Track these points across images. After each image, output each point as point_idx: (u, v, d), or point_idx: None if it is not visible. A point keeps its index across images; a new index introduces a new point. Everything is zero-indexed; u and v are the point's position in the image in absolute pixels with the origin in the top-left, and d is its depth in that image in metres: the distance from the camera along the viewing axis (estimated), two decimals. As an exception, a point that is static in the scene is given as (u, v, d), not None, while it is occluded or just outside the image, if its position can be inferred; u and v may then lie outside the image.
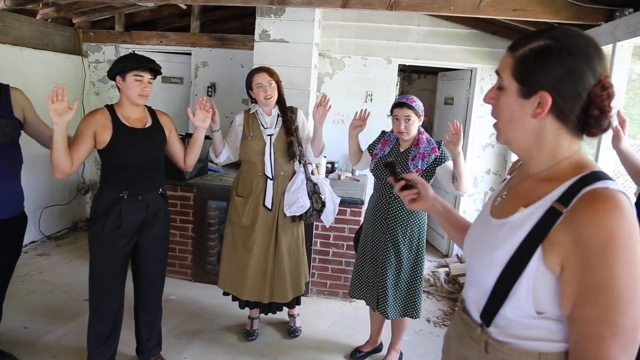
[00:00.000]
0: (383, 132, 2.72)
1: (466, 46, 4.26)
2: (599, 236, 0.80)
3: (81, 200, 5.07)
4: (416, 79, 6.37)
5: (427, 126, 5.82)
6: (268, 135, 2.71)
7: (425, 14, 4.17)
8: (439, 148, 2.47)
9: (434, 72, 5.75)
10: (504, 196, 1.06)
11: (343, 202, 3.39)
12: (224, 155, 2.78)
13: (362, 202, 3.48)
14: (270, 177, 2.70)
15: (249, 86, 2.71)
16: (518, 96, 0.92)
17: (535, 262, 0.87)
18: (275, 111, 2.74)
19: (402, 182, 1.35)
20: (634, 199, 1.84)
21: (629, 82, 3.40)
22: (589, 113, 0.87)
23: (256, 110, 2.75)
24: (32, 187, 4.35)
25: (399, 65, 4.49)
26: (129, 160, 2.22)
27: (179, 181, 3.69)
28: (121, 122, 2.22)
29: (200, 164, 3.88)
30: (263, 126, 2.72)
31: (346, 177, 4.20)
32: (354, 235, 3.02)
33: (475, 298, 1.02)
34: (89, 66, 5.04)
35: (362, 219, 3.27)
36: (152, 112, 2.38)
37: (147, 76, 2.22)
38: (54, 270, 3.85)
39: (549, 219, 0.87)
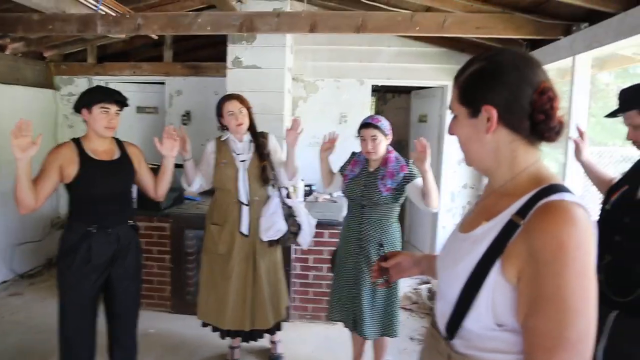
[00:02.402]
0: (353, 153, 2.74)
1: (436, 64, 4.35)
2: (549, 247, 0.81)
3: (55, 235, 4.93)
4: (391, 99, 6.47)
5: (404, 144, 5.91)
6: (241, 161, 2.70)
7: (394, 35, 4.26)
8: (408, 166, 2.49)
9: (407, 90, 5.86)
10: (472, 211, 1.09)
11: (321, 224, 3.38)
12: (197, 183, 2.76)
13: (340, 224, 3.47)
14: (245, 203, 2.69)
15: (219, 113, 2.71)
16: (469, 118, 0.97)
17: (494, 275, 0.89)
18: (247, 137, 2.75)
19: (377, 267, 1.40)
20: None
21: (598, 91, 3.51)
22: (535, 119, 0.91)
23: (228, 137, 2.75)
24: (3, 224, 4.25)
25: (373, 85, 4.57)
26: (96, 193, 2.18)
27: (154, 211, 3.64)
28: (88, 156, 2.19)
29: (176, 194, 3.84)
30: (235, 152, 2.72)
31: (324, 199, 4.20)
32: (331, 257, 3.00)
33: (442, 311, 1.04)
34: (62, 99, 5.00)
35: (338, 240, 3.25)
36: (120, 144, 2.35)
37: (113, 108, 2.21)
38: (27, 310, 3.73)
39: (508, 231, 0.89)
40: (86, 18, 3.45)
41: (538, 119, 0.91)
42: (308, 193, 4.22)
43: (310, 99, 4.52)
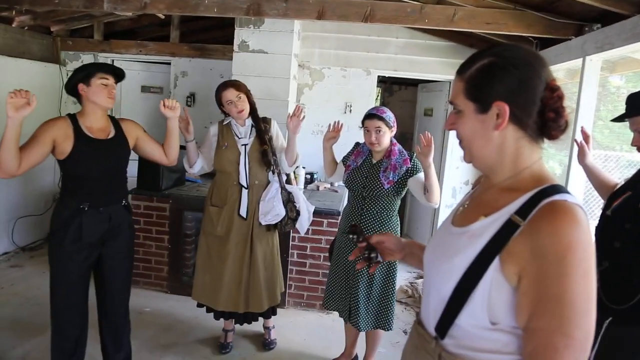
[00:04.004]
0: (357, 144, 2.73)
1: (444, 58, 4.31)
2: (557, 247, 0.80)
3: (57, 210, 4.98)
4: (397, 90, 6.43)
5: (408, 137, 5.89)
6: (242, 145, 2.71)
7: (403, 27, 4.22)
8: (411, 159, 2.48)
9: (414, 83, 5.82)
10: (466, 205, 1.08)
11: (320, 213, 3.40)
12: (198, 165, 2.78)
13: (339, 213, 3.48)
14: (245, 186, 2.70)
15: (219, 102, 2.71)
16: (476, 113, 0.95)
17: (492, 272, 0.88)
18: (249, 122, 2.75)
19: (364, 244, 1.31)
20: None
21: (608, 94, 3.47)
22: (545, 117, 0.91)
23: (230, 121, 2.74)
24: (5, 197, 4.28)
25: (380, 76, 4.53)
26: (90, 171, 2.17)
27: (154, 192, 3.65)
28: (83, 133, 2.16)
29: (177, 175, 3.85)
30: (237, 136, 2.72)
31: (325, 188, 4.20)
32: (329, 246, 3.01)
33: (432, 307, 1.02)
34: (67, 75, 4.98)
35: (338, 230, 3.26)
36: (115, 123, 2.32)
37: (111, 79, 2.20)
38: (26, 283, 3.77)
39: (508, 229, 0.88)
40: (93, -6, 3.43)
41: (549, 117, 0.91)
42: (309, 181, 4.22)
43: (316, 86, 4.50)
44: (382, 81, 6.09)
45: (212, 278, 2.76)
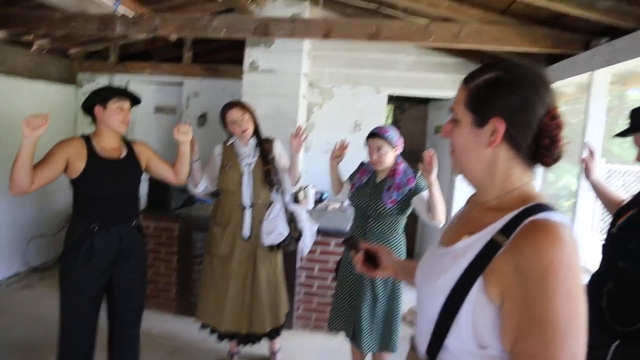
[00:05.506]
0: (362, 164, 2.72)
1: (453, 74, 4.28)
2: (539, 266, 0.78)
3: (71, 229, 5.04)
4: (408, 108, 6.39)
5: (419, 155, 5.81)
6: (246, 164, 2.72)
7: (412, 44, 4.21)
8: (415, 178, 2.44)
9: (425, 101, 5.78)
10: (454, 224, 1.06)
11: (327, 234, 3.36)
12: (203, 185, 2.82)
13: (346, 234, 3.43)
14: (248, 205, 2.70)
15: (223, 122, 2.72)
16: (472, 126, 0.93)
17: (476, 293, 0.85)
18: (253, 141, 2.76)
19: (361, 256, 1.34)
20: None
21: (627, 108, 3.39)
22: (540, 142, 0.89)
23: (234, 141, 2.77)
24: (20, 217, 4.34)
25: (391, 94, 4.52)
26: (102, 191, 2.20)
27: (163, 211, 3.66)
28: (96, 152, 2.21)
29: (186, 195, 3.86)
30: (240, 156, 2.75)
31: (333, 208, 4.16)
32: (336, 266, 2.97)
33: (423, 329, 0.99)
34: (83, 96, 5.08)
35: (344, 250, 3.22)
36: (127, 143, 2.37)
37: (127, 104, 2.26)
38: (37, 304, 3.79)
39: (491, 249, 0.86)
40: (106, 17, 3.52)
41: (544, 143, 0.89)
42: (319, 200, 4.19)
43: (326, 105, 4.50)
44: (394, 99, 6.07)
45: (216, 298, 2.76)
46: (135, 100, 2.32)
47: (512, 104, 0.88)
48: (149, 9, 3.81)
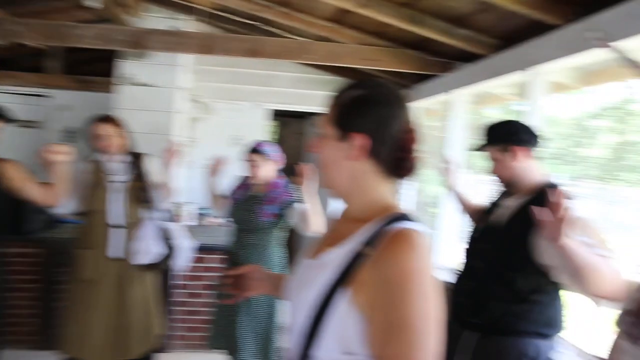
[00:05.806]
0: (241, 178, 2.73)
1: (331, 92, 4.46)
2: (395, 274, 0.83)
3: None
4: (290, 123, 6.55)
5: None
6: (114, 182, 2.56)
7: (292, 62, 4.33)
8: (291, 192, 2.50)
9: (306, 116, 5.95)
10: (321, 236, 1.08)
11: (205, 249, 3.29)
12: (68, 204, 2.57)
13: (225, 249, 3.40)
14: (117, 225, 2.54)
15: (88, 137, 2.57)
16: (336, 140, 0.97)
17: (341, 302, 0.87)
18: (122, 157, 2.62)
19: (230, 280, 1.32)
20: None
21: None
22: (395, 155, 0.95)
23: (99, 158, 2.61)
24: None
25: (276, 110, 4.60)
26: None
27: (18, 236, 3.29)
28: None
29: (45, 216, 3.51)
30: (107, 173, 2.58)
31: (212, 223, 4.10)
32: (216, 283, 2.92)
33: (294, 342, 0.99)
34: None
35: (224, 265, 3.18)
36: None
37: None
38: None
39: (355, 259, 0.89)
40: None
41: (398, 156, 0.95)
42: (199, 216, 4.10)
43: (208, 120, 4.44)
44: (280, 114, 6.18)
45: (80, 327, 2.53)
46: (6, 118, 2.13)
47: (372, 120, 0.94)
48: (7, 12, 3.48)
